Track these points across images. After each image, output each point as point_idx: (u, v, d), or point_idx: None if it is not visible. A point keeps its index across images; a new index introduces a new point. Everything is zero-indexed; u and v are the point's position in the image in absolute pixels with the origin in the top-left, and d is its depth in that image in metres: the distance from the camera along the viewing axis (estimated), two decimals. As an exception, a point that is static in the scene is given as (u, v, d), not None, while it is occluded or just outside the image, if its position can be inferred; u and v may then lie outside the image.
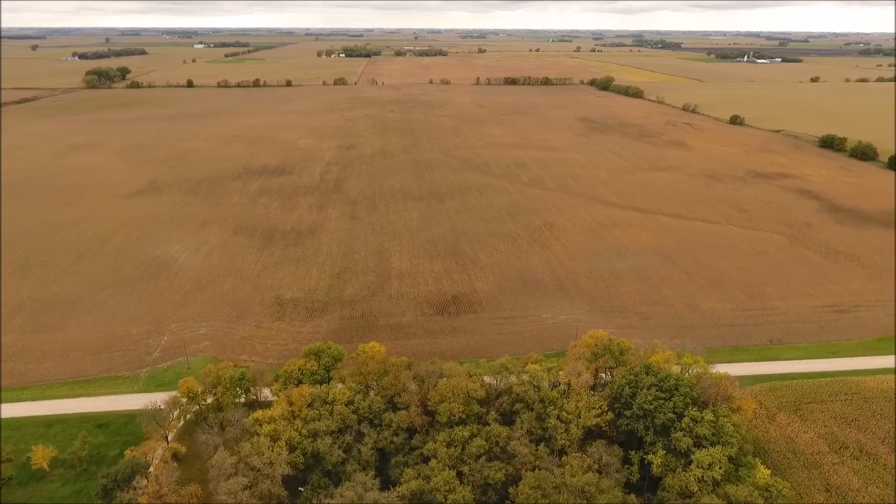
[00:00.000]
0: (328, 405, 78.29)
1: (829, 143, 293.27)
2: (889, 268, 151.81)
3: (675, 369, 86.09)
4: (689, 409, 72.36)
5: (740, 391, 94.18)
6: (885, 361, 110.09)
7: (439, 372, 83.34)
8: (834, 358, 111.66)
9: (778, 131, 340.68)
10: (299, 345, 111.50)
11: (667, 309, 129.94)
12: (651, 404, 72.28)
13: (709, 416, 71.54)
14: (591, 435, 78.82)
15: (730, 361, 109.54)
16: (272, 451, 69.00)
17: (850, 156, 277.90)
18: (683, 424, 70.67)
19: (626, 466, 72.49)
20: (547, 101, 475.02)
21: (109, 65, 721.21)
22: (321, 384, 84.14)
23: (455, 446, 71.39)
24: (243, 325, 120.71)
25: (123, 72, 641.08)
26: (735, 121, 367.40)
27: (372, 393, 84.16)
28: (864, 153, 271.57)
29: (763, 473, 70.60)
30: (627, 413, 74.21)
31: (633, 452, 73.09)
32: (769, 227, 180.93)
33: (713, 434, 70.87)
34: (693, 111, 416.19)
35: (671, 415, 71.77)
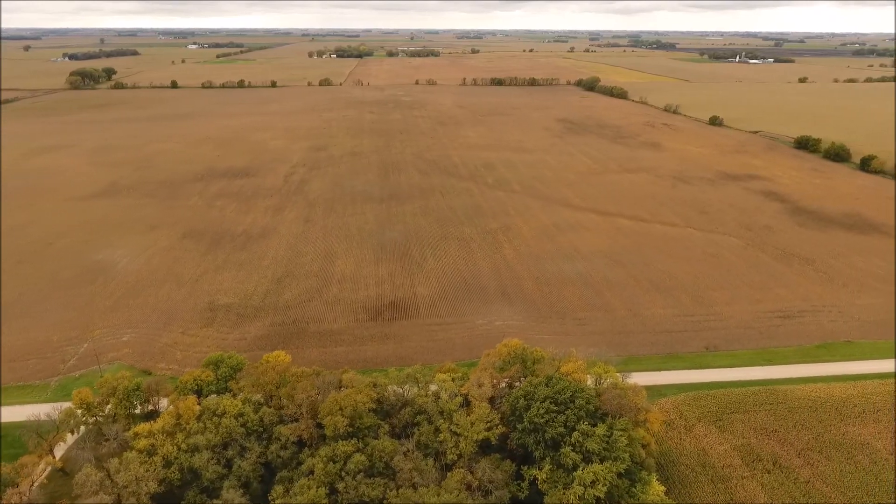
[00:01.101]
0: (217, 418, 75.63)
1: (804, 145, 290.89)
2: (841, 271, 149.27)
3: (586, 379, 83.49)
4: (582, 422, 69.67)
5: (653, 402, 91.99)
6: (820, 369, 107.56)
7: (338, 382, 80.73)
8: (769, 366, 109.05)
9: (756, 132, 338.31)
10: (222, 352, 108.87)
11: (607, 314, 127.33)
12: (542, 418, 69.69)
13: (601, 430, 68.90)
14: (490, 448, 76.29)
15: (660, 370, 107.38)
16: (143, 466, 66.33)
17: (824, 157, 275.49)
18: (573, 439, 68.05)
19: (517, 482, 69.87)
20: (529, 102, 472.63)
21: (100, 65, 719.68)
22: (218, 395, 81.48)
23: (337, 461, 68.77)
24: (169, 332, 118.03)
25: (109, 72, 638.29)
26: (714, 121, 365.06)
27: (272, 405, 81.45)
28: (838, 154, 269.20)
29: (656, 490, 67.99)
30: (520, 427, 71.57)
31: (526, 468, 70.43)
32: (728, 230, 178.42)
33: (605, 449, 68.18)
34: (675, 112, 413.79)
35: (562, 429, 69.14)
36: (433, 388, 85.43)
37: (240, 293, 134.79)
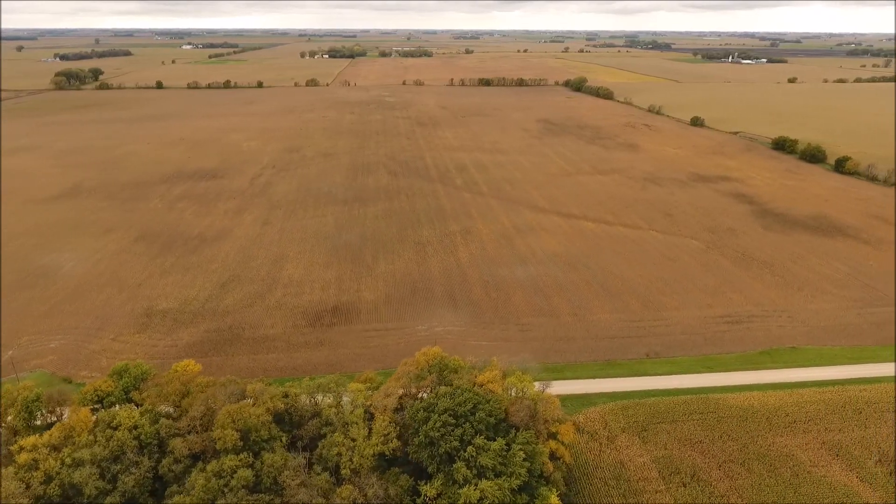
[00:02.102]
0: (111, 430, 73.07)
1: (782, 145, 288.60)
2: (798, 275, 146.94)
3: (499, 389, 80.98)
4: (479, 436, 67.20)
5: (580, 411, 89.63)
6: (759, 377, 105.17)
7: (241, 393, 78.23)
8: (708, 373, 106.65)
9: (736, 133, 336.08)
10: (150, 359, 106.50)
11: (552, 320, 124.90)
12: (438, 431, 67.23)
13: (496, 445, 66.42)
14: (396, 462, 73.83)
15: (595, 377, 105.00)
16: (15, 483, 63.82)
17: (800, 158, 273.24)
18: (467, 454, 65.56)
19: (413, 498, 67.44)
20: (513, 103, 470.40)
21: (91, 66, 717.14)
22: (119, 405, 78.98)
23: (223, 477, 66.27)
24: (99, 339, 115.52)
25: (96, 73, 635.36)
26: (695, 122, 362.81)
27: (175, 416, 78.90)
28: (814, 155, 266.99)
29: (553, 506, 65.56)
30: (416, 440, 69.08)
31: (423, 483, 67.98)
32: (690, 233, 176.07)
33: (501, 464, 65.74)
34: (658, 112, 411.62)
35: (456, 443, 66.67)
36: (347, 398, 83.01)
37: (180, 298, 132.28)
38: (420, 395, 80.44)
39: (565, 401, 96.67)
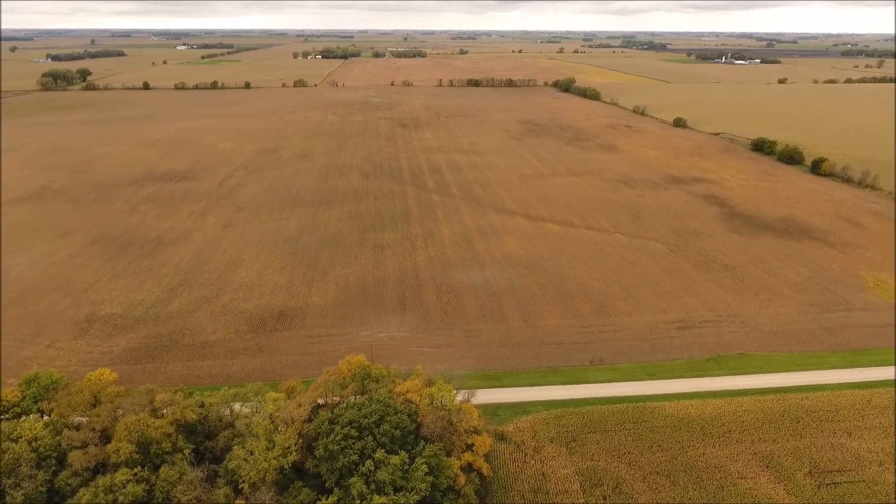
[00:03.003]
0: (11, 443, 70.97)
1: (760, 147, 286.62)
2: (758, 279, 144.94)
3: (418, 399, 78.94)
4: (380, 450, 65.08)
5: (511, 421, 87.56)
6: (701, 384, 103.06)
7: (149, 403, 76.13)
8: (650, 380, 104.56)
9: (717, 134, 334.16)
10: (82, 367, 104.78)
11: (499, 325, 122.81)
12: (338, 444, 65.13)
13: (397, 459, 64.32)
14: (306, 476, 71.71)
15: (534, 385, 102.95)
16: None
17: (778, 159, 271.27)
18: (365, 468, 63.46)
19: (313, 514, 65.33)
20: (499, 104, 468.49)
21: (83, 66, 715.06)
22: (27, 416, 76.88)
23: (115, 491, 64.21)
24: (34, 345, 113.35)
25: (84, 74, 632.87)
26: (678, 123, 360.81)
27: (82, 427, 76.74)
28: (791, 157, 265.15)
29: (455, 522, 63.44)
30: (317, 454, 66.97)
31: (324, 498, 65.90)
32: (655, 236, 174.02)
33: (401, 479, 63.65)
34: (642, 113, 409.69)
35: (355, 457, 64.59)
36: (268, 408, 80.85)
37: (126, 303, 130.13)
38: (342, 406, 78.30)
39: (499, 409, 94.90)
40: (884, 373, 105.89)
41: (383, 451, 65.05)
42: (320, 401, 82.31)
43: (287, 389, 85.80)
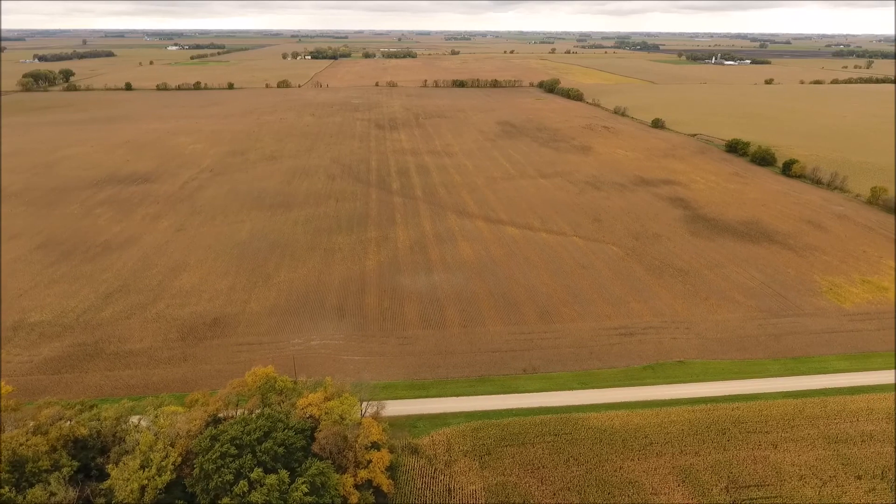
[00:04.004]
0: None
1: (734, 148, 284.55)
2: (710, 283, 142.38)
3: (320, 412, 75.98)
4: (258, 469, 62.06)
5: (428, 434, 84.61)
6: (634, 394, 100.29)
7: (32, 418, 72.97)
8: (581, 390, 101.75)
9: (694, 135, 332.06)
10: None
11: (437, 332, 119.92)
12: (214, 463, 62.10)
13: (273, 478, 61.29)
14: (187, 496, 68.65)
15: (460, 395, 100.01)
16: None
17: (751, 161, 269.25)
18: (238, 489, 60.43)
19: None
20: (480, 104, 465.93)
21: (70, 67, 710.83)
22: None
23: (-24, 515, 61.09)
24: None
25: (67, 74, 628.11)
26: (656, 124, 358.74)
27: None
28: (763, 158, 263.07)
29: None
30: (194, 472, 63.95)
31: (201, 519, 62.88)
32: (614, 239, 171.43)
33: (279, 499, 60.64)
34: (623, 114, 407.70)
35: (230, 477, 61.57)
36: (165, 422, 77.75)
37: (57, 310, 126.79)
38: (231, 421, 75.25)
39: (419, 421, 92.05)
40: (819, 381, 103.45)
41: (261, 470, 62.03)
42: (222, 414, 79.32)
43: (191, 402, 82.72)
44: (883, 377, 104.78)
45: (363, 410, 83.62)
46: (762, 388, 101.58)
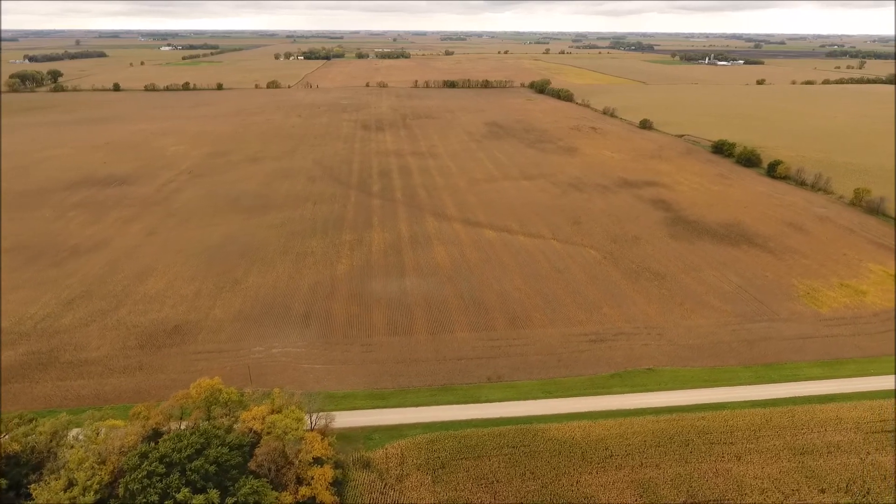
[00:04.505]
0: None
1: (720, 149, 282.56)
2: (686, 287, 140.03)
3: (259, 426, 73.21)
4: (185, 489, 59.30)
5: (383, 446, 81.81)
6: (598, 403, 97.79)
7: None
8: (545, 399, 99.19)
9: (681, 136, 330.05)
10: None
11: (404, 339, 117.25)
12: (139, 483, 59.31)
13: (201, 499, 58.56)
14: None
15: (421, 405, 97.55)
16: None
17: (737, 162, 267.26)
18: (162, 511, 57.71)
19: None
20: (469, 105, 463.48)
21: (61, 67, 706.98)
22: None
23: None
24: None
25: (55, 75, 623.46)
26: (644, 125, 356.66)
27: None
28: (749, 159, 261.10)
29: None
30: (119, 493, 61.15)
31: (127, 541, 60.05)
32: (592, 242, 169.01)
33: (207, 521, 57.90)
34: (612, 115, 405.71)
35: (156, 497, 58.76)
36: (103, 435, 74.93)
37: (15, 316, 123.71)
38: (166, 437, 72.42)
39: (375, 432, 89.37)
40: (790, 389, 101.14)
41: (189, 490, 59.28)
42: (164, 428, 76.51)
43: (134, 415, 79.85)
44: (854, 385, 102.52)
45: (312, 423, 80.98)
46: (731, 397, 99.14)
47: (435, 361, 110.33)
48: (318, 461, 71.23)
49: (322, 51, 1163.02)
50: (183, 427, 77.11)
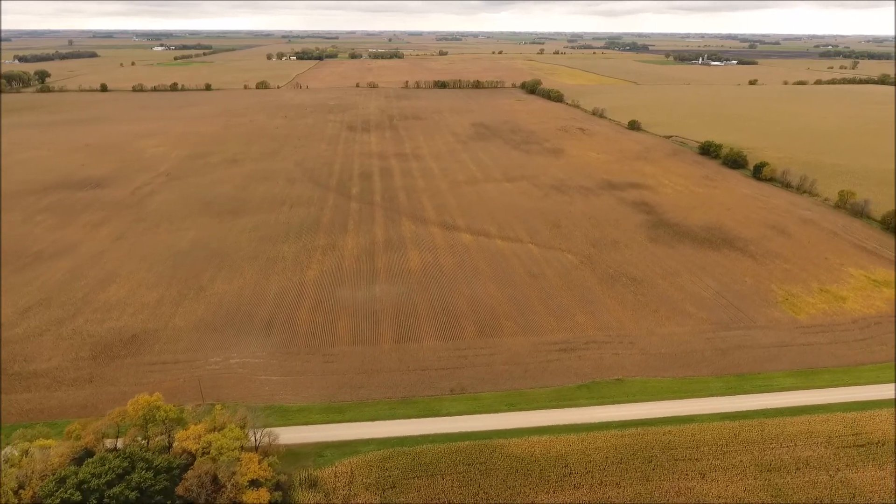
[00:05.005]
0: None
1: (707, 150, 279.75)
2: (663, 293, 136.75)
3: (193, 446, 69.45)
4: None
5: (333, 464, 78.03)
6: (564, 416, 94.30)
7: None
8: (508, 412, 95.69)
9: (669, 137, 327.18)
10: None
11: (368, 348, 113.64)
12: (52, 513, 55.51)
13: (115, 529, 54.80)
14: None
15: (379, 419, 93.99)
16: None
17: (723, 163, 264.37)
18: (73, 543, 53.96)
19: None
20: (458, 106, 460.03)
21: (50, 67, 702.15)
22: None
23: None
24: None
25: (42, 75, 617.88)
26: (633, 126, 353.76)
27: None
28: (735, 161, 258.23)
29: None
30: (31, 523, 57.39)
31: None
32: (570, 246, 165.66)
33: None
34: (601, 115, 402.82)
35: (68, 528, 55.03)
36: (38, 454, 71.10)
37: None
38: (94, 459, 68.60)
39: (327, 449, 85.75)
40: (761, 400, 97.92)
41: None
42: (98, 448, 72.70)
43: (69, 433, 76.12)
44: (828, 396, 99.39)
45: (256, 440, 77.26)
46: (700, 409, 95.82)
47: (398, 372, 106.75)
48: (255, 483, 67.54)
49: (316, 51, 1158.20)
50: (121, 446, 73.42)
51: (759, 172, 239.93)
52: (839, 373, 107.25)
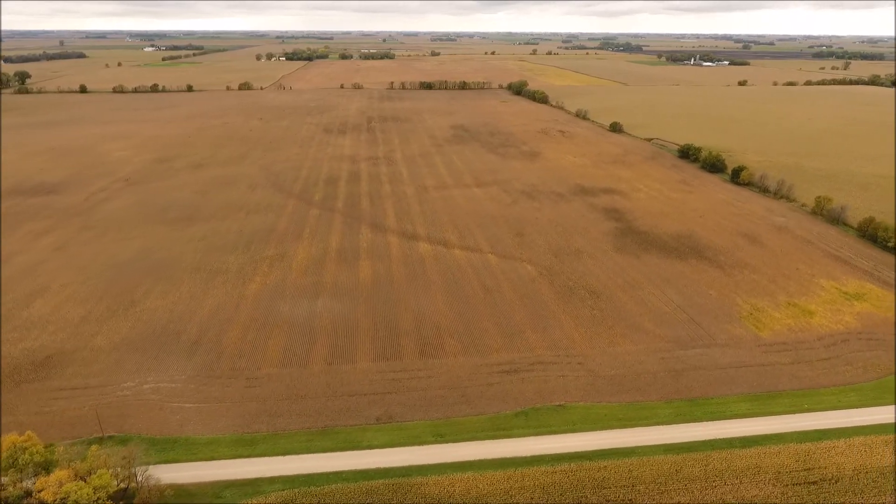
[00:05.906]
0: None
1: (686, 154, 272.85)
2: (621, 308, 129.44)
3: (50, 497, 61.82)
4: None
5: None
6: (491, 449, 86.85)
7: None
8: (436, 444, 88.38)
9: (650, 139, 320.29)
10: None
11: (295, 371, 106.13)
12: None
13: None
14: None
15: (292, 453, 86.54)
16: None
17: (702, 167, 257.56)
18: None
19: None
20: (440, 107, 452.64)
21: (36, 68, 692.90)
22: None
23: None
24: None
25: (22, 76, 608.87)
26: (615, 128, 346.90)
27: None
28: (714, 164, 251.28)
29: None
30: None
31: None
32: (531, 256, 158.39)
33: None
34: (584, 117, 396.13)
35: None
36: None
37: None
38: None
39: (227, 489, 78.28)
40: (711, 430, 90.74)
41: None
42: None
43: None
44: (783, 423, 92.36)
45: (138, 484, 69.57)
46: (643, 440, 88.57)
47: (324, 398, 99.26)
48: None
49: (307, 51, 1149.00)
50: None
51: (737, 177, 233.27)
52: (798, 396, 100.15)
